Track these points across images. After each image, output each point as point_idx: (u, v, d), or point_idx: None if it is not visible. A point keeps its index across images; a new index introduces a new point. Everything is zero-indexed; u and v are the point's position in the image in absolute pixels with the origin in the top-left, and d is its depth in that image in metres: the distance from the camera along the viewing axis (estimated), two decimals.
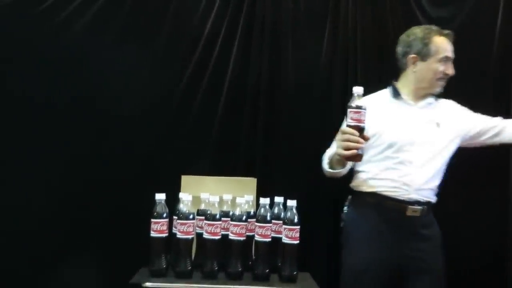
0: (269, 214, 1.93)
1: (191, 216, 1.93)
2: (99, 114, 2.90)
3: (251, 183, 2.48)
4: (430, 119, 2.34)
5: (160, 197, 1.93)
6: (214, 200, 1.96)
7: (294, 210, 1.92)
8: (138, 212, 2.19)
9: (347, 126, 1.95)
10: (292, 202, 1.93)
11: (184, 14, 3.02)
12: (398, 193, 2.28)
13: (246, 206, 1.98)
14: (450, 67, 2.32)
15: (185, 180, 2.45)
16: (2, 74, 2.88)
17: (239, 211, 1.92)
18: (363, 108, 1.93)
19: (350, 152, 1.95)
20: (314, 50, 3.05)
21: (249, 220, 1.95)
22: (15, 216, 2.80)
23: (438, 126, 2.33)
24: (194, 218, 1.95)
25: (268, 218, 1.92)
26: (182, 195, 1.99)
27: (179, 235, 1.91)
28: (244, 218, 1.92)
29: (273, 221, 1.95)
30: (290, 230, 1.89)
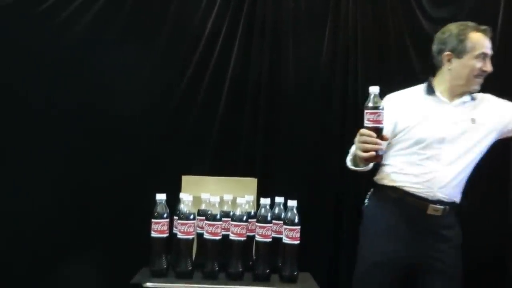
0: (269, 214, 1.93)
1: (192, 216, 1.93)
2: (100, 114, 2.90)
3: (252, 183, 2.48)
4: (464, 117, 2.27)
5: (160, 197, 1.93)
6: (214, 200, 1.95)
7: (295, 210, 1.92)
8: (139, 212, 2.20)
9: (365, 127, 1.91)
10: (292, 203, 1.93)
11: (184, 13, 3.03)
12: (420, 190, 2.23)
13: (247, 206, 1.98)
14: (487, 64, 2.24)
15: (185, 180, 2.45)
16: (3, 74, 2.88)
17: (240, 211, 1.92)
18: (380, 108, 1.89)
19: (368, 154, 1.91)
20: (314, 49, 3.05)
21: (249, 220, 1.95)
22: (16, 216, 2.81)
23: (474, 122, 2.27)
24: (194, 218, 1.95)
25: (268, 218, 1.92)
26: (182, 195, 1.99)
27: (180, 235, 1.91)
28: (244, 218, 1.91)
29: (273, 221, 1.95)
30: (291, 230, 1.89)
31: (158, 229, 1.89)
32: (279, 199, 1.99)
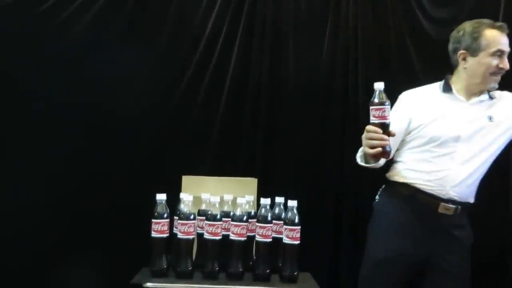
0: (269, 215, 1.93)
1: (192, 216, 1.93)
2: (100, 113, 2.90)
3: (252, 183, 2.47)
4: (481, 115, 2.24)
5: (161, 197, 1.93)
6: (214, 200, 1.96)
7: (295, 211, 1.92)
8: (139, 212, 2.20)
9: (371, 123, 1.91)
10: (292, 203, 1.93)
11: (185, 13, 3.03)
12: (432, 187, 2.21)
13: (247, 206, 1.98)
14: (504, 61, 2.20)
15: (185, 180, 2.45)
16: (4, 74, 2.88)
17: (240, 212, 1.92)
18: (386, 103, 1.88)
19: (375, 150, 1.91)
20: (315, 49, 3.04)
21: (249, 220, 1.96)
22: (16, 216, 2.81)
23: (491, 119, 2.24)
24: (195, 219, 1.96)
25: (268, 218, 1.92)
26: (183, 196, 1.99)
27: (180, 236, 1.91)
28: (244, 218, 1.92)
29: (273, 221, 1.95)
30: (291, 230, 1.90)
31: (159, 229, 1.90)
32: (279, 199, 2.00)
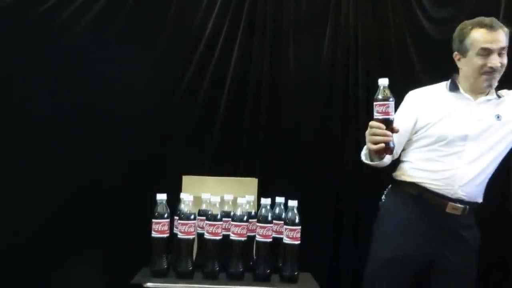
0: (270, 215, 1.93)
1: (192, 216, 1.93)
2: (100, 114, 2.89)
3: (252, 184, 2.47)
4: (488, 114, 2.23)
5: (161, 197, 1.94)
6: (215, 200, 1.96)
7: (295, 211, 1.92)
8: (139, 212, 2.20)
9: (374, 119, 1.91)
10: (293, 203, 1.93)
11: (185, 13, 3.02)
12: (440, 187, 2.20)
13: (247, 206, 1.98)
14: (493, 59, 2.16)
15: (186, 180, 2.44)
16: (4, 74, 2.88)
17: (240, 212, 1.93)
18: (390, 99, 1.88)
19: (377, 146, 1.91)
20: (315, 49, 3.04)
21: (250, 220, 1.96)
22: (16, 216, 2.81)
23: (499, 118, 2.22)
24: (195, 219, 1.96)
25: (269, 218, 1.93)
26: (183, 196, 1.99)
27: (180, 236, 1.91)
28: (245, 218, 1.92)
29: (274, 221, 1.96)
30: (291, 230, 1.90)
31: (159, 229, 1.90)
32: (280, 199, 2.00)
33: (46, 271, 2.81)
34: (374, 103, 1.90)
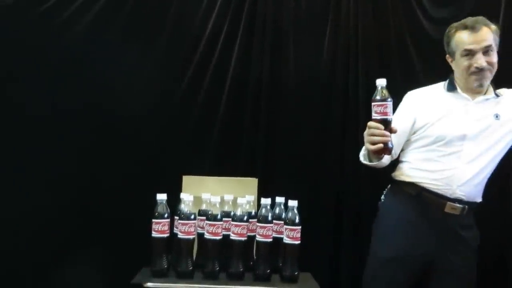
0: (270, 214, 1.94)
1: (192, 216, 1.94)
2: (100, 114, 2.89)
3: (252, 183, 2.47)
4: (487, 113, 2.23)
5: (161, 197, 1.94)
6: (215, 200, 1.96)
7: (295, 210, 1.92)
8: (140, 212, 2.20)
9: (372, 120, 1.92)
10: (293, 203, 1.93)
11: (185, 13, 3.02)
12: (439, 186, 2.21)
13: (247, 206, 1.98)
14: (478, 59, 2.17)
15: (186, 180, 2.45)
16: (4, 74, 2.88)
17: (240, 211, 1.93)
18: (388, 100, 1.89)
19: (376, 146, 1.92)
20: (315, 49, 3.04)
21: (250, 220, 1.96)
22: (16, 216, 2.80)
23: (497, 117, 2.23)
24: (195, 219, 1.96)
25: (269, 218, 1.93)
26: (183, 196, 1.99)
27: (180, 235, 1.92)
28: (245, 218, 1.92)
29: (274, 221, 1.96)
30: (291, 230, 1.90)
31: (159, 229, 1.90)
32: (280, 199, 2.00)
33: (46, 271, 2.81)
34: (372, 104, 1.91)
